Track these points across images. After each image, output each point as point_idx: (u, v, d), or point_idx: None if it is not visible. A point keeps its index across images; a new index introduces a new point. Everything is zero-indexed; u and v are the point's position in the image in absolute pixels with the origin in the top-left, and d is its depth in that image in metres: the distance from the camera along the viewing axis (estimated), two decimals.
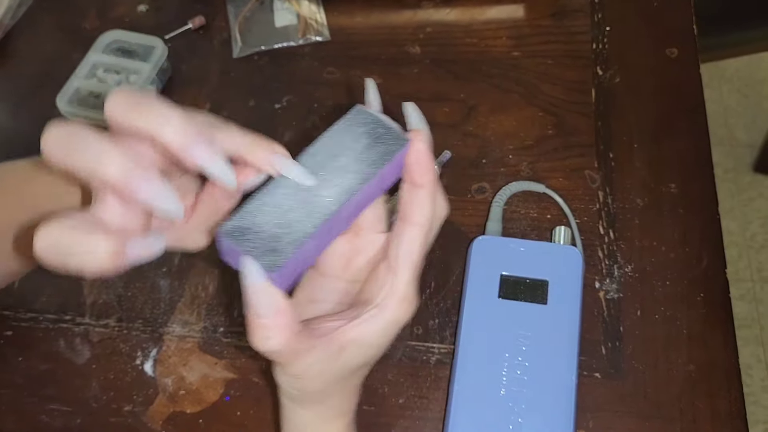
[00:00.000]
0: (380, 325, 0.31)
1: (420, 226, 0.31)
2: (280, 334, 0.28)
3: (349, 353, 0.31)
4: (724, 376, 0.46)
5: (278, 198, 0.29)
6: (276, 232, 0.28)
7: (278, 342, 0.28)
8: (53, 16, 0.70)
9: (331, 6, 0.66)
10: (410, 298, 0.31)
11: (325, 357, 0.30)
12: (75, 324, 0.51)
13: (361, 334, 0.31)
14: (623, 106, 0.58)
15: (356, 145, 0.31)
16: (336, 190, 0.30)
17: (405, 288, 0.31)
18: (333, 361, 0.31)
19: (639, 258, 0.51)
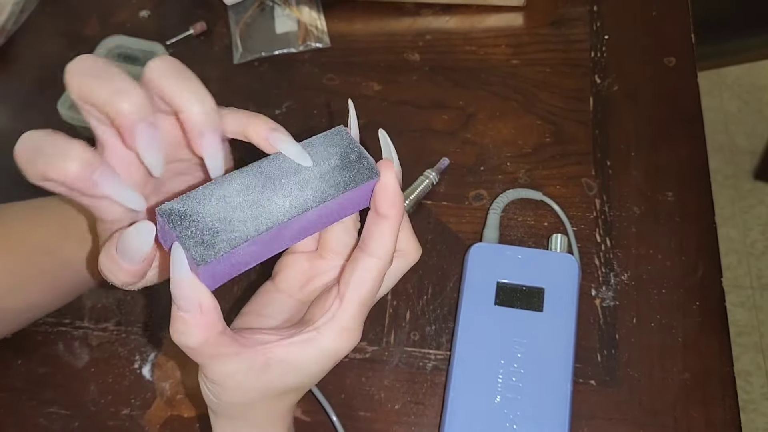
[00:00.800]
0: (313, 351, 0.30)
1: (377, 258, 0.29)
2: (199, 331, 0.27)
3: (275, 372, 0.30)
4: (719, 384, 0.46)
5: (229, 192, 0.28)
6: (215, 226, 0.27)
7: (195, 339, 0.27)
8: (55, 22, 0.70)
9: (332, 13, 0.67)
10: (352, 330, 0.30)
11: (247, 369, 0.29)
12: (74, 328, 0.52)
13: (290, 354, 0.29)
14: (621, 114, 0.58)
15: (325, 163, 0.30)
16: (290, 201, 0.28)
17: (348, 319, 0.30)
18: (256, 376, 0.29)
19: (635, 266, 0.51)
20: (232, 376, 0.29)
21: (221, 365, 0.29)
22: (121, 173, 0.30)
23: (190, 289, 0.26)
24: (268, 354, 0.29)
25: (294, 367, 0.30)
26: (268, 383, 0.30)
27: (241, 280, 0.53)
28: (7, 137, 0.63)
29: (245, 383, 0.30)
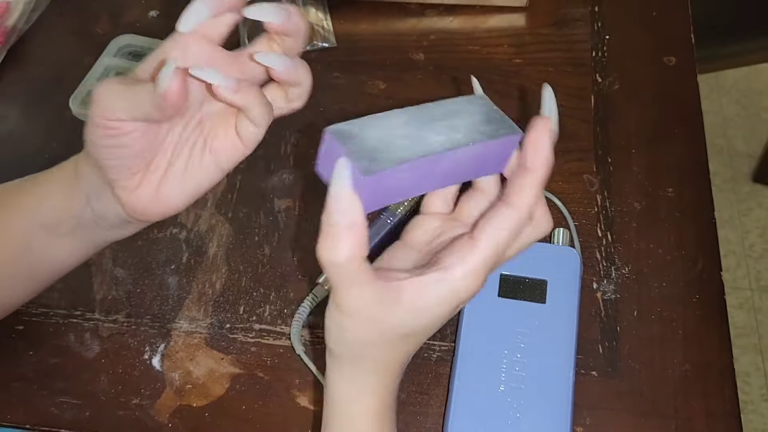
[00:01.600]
0: (439, 290, 0.30)
1: (516, 209, 0.30)
2: (348, 247, 0.27)
3: (404, 308, 0.30)
4: (719, 375, 0.47)
5: (391, 123, 0.30)
6: (378, 146, 0.29)
7: (343, 254, 0.27)
8: (66, 21, 0.71)
9: (338, 13, 0.68)
10: (479, 276, 0.30)
11: (379, 301, 0.29)
12: (85, 319, 0.53)
13: (418, 291, 0.30)
14: (622, 112, 0.59)
15: (470, 118, 0.31)
16: (443, 139, 0.30)
17: (478, 263, 0.30)
18: (386, 310, 0.30)
19: (636, 260, 0.52)
20: (364, 308, 0.29)
21: (357, 292, 0.29)
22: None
23: (349, 202, 0.27)
24: (401, 289, 0.30)
25: (419, 305, 0.30)
26: (395, 319, 0.30)
27: None
28: (19, 134, 0.64)
29: (375, 316, 0.30)
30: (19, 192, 0.42)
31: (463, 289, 0.30)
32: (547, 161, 0.30)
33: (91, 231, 0.41)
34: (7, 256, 0.42)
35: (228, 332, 0.51)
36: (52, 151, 0.62)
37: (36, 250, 0.41)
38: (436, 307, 0.30)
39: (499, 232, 0.30)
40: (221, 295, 0.53)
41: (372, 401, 0.34)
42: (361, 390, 0.34)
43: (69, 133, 0.63)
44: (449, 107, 0.32)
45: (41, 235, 0.41)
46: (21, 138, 0.63)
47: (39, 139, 0.63)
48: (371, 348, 0.32)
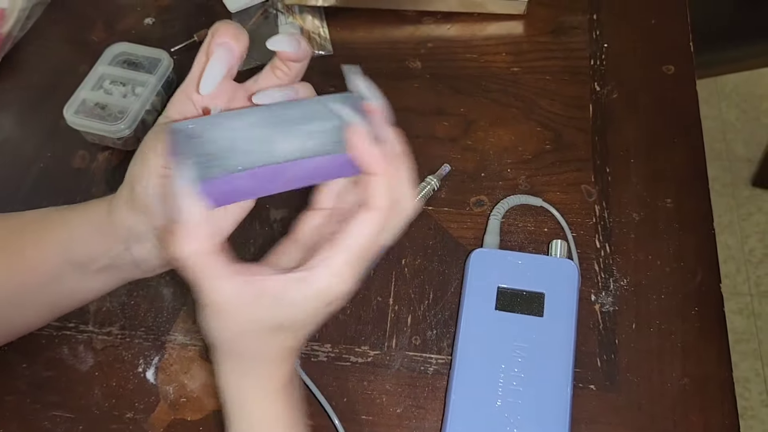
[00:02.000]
0: (303, 289, 0.31)
1: (374, 209, 0.31)
2: (188, 241, 0.29)
3: (266, 304, 0.31)
4: (718, 389, 0.47)
5: (240, 125, 0.30)
6: (217, 152, 0.29)
7: (183, 249, 0.29)
8: (61, 29, 0.71)
9: (334, 21, 0.68)
10: (344, 277, 0.31)
11: (239, 295, 0.30)
12: (78, 331, 0.52)
13: (281, 289, 0.31)
14: (620, 121, 0.59)
15: (329, 123, 0.31)
16: (292, 147, 0.30)
17: (339, 264, 0.31)
18: (248, 304, 0.31)
19: (634, 272, 0.51)
20: (225, 302, 0.31)
21: (212, 286, 0.30)
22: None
23: (184, 199, 0.29)
24: (260, 285, 0.31)
25: (284, 302, 0.31)
26: (259, 314, 0.31)
27: None
28: (13, 143, 0.64)
29: (237, 310, 0.31)
30: (51, 225, 0.42)
31: (328, 290, 0.31)
32: (384, 160, 0.31)
33: (127, 271, 0.41)
34: (33, 286, 0.42)
35: None
36: (46, 160, 0.61)
37: (64, 283, 0.42)
38: (302, 303, 0.31)
39: (360, 235, 0.31)
40: None
41: (260, 385, 0.35)
42: (246, 375, 0.35)
43: (63, 141, 0.62)
44: (312, 108, 0.32)
45: (71, 270, 0.41)
46: (15, 146, 0.63)
47: (33, 147, 0.62)
48: (242, 340, 0.33)
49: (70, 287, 0.42)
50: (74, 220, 0.41)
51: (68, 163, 0.61)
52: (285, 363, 0.36)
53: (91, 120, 0.59)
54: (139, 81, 0.61)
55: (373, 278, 0.53)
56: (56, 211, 0.42)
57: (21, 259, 0.41)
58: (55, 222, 0.42)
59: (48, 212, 0.43)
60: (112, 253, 0.40)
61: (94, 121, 0.59)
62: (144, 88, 0.60)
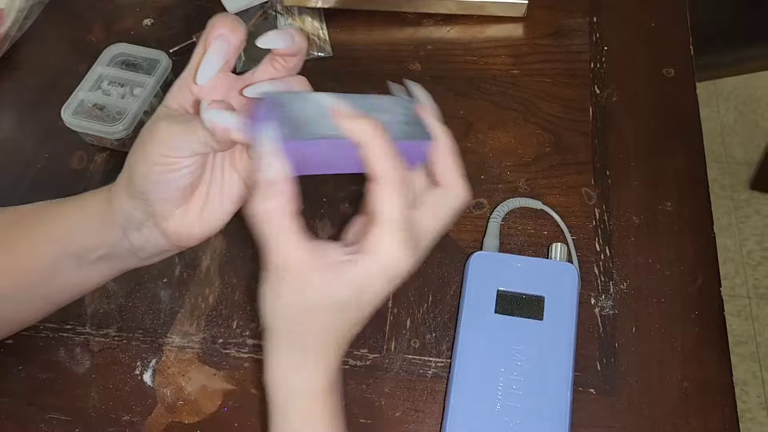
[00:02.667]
0: (357, 267, 0.32)
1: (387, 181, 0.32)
2: (274, 198, 0.31)
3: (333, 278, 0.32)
4: (718, 393, 0.47)
5: (321, 101, 0.32)
6: (303, 119, 0.32)
7: (269, 204, 0.31)
8: (59, 29, 0.71)
9: (334, 23, 0.68)
10: (395, 248, 0.32)
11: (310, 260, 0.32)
12: (75, 333, 0.52)
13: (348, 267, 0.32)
14: (620, 124, 0.59)
15: (393, 116, 0.34)
16: None
17: (387, 240, 0.32)
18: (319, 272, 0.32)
19: (634, 275, 0.51)
20: (295, 264, 0.32)
21: (287, 247, 0.31)
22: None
23: (268, 157, 0.31)
24: (330, 254, 0.32)
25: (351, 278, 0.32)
26: (326, 286, 0.32)
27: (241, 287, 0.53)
28: (10, 143, 0.63)
29: (307, 277, 0.32)
30: (45, 217, 0.42)
31: (389, 263, 0.32)
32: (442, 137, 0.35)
33: (124, 260, 0.41)
34: (31, 280, 0.42)
35: (221, 347, 0.51)
36: (44, 161, 0.61)
37: (62, 275, 0.42)
38: (365, 280, 0.32)
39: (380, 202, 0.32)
40: (214, 310, 0.52)
41: (311, 380, 0.35)
42: (299, 368, 0.35)
43: (61, 142, 0.62)
44: (377, 102, 0.35)
45: (70, 262, 0.41)
46: (12, 147, 0.63)
47: (30, 148, 0.62)
48: (306, 316, 0.33)
49: (67, 279, 0.42)
50: (71, 211, 0.41)
51: (66, 164, 0.61)
52: (337, 354, 0.36)
53: (90, 121, 0.58)
54: (137, 82, 0.61)
55: None
56: (52, 204, 0.42)
57: (15, 253, 0.41)
58: (51, 214, 0.41)
59: (42, 205, 0.43)
60: (110, 242, 0.40)
61: (92, 122, 0.58)
62: (142, 89, 0.60)
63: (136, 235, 0.40)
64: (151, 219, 0.38)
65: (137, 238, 0.40)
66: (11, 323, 0.46)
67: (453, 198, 0.35)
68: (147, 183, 0.36)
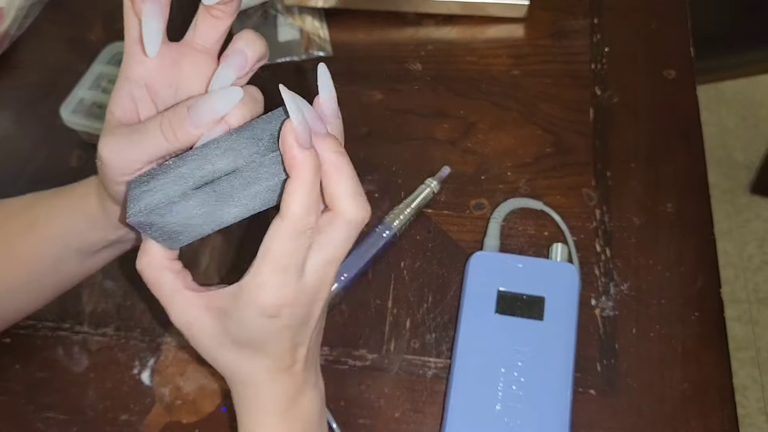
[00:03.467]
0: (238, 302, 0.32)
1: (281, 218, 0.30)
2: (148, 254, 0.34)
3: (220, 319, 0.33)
4: (718, 395, 0.46)
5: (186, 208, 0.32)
6: (177, 230, 0.33)
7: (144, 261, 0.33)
8: (59, 28, 0.71)
9: (334, 22, 0.67)
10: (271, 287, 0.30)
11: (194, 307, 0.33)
12: (73, 332, 0.52)
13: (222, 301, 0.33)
14: (621, 125, 0.59)
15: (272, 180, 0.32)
16: (239, 210, 0.33)
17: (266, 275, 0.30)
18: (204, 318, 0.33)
19: (635, 276, 0.51)
20: (184, 316, 0.34)
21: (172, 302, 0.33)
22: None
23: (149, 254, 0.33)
24: (208, 298, 0.33)
25: (232, 316, 0.32)
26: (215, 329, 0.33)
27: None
28: (9, 142, 0.63)
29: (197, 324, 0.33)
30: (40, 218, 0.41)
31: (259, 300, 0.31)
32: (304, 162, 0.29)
33: (128, 242, 0.42)
34: (35, 276, 0.42)
35: None
36: (42, 159, 0.61)
37: (65, 268, 0.42)
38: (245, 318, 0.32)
39: (271, 242, 0.30)
40: None
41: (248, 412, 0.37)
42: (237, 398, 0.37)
43: (59, 140, 0.62)
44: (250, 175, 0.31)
45: (72, 256, 0.41)
46: (11, 145, 0.63)
47: (29, 146, 0.62)
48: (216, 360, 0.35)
49: (71, 270, 0.43)
50: (66, 212, 0.40)
51: (64, 163, 0.61)
52: (273, 385, 0.35)
53: (89, 119, 0.58)
54: None
55: (372, 281, 0.52)
56: (41, 201, 0.42)
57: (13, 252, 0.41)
58: (45, 215, 0.41)
59: (33, 203, 0.42)
60: (111, 238, 0.40)
61: (91, 120, 0.58)
62: None
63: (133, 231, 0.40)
64: None
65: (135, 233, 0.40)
66: (17, 312, 0.46)
67: (343, 223, 0.31)
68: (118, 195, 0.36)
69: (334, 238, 0.31)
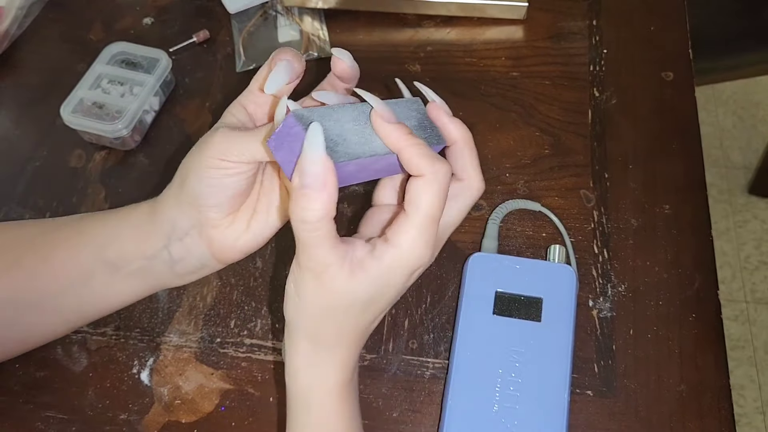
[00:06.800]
0: (390, 260, 0.32)
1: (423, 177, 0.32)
2: (321, 206, 0.30)
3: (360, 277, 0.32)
4: (715, 396, 0.47)
5: (343, 117, 0.33)
6: (336, 139, 0.32)
7: (316, 214, 0.30)
8: (59, 27, 0.71)
9: (334, 23, 0.68)
10: (420, 243, 0.32)
11: (340, 264, 0.32)
12: (73, 332, 0.52)
13: (375, 262, 0.32)
14: (619, 127, 0.59)
15: (406, 120, 0.35)
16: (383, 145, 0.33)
17: (414, 231, 0.32)
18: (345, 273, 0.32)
19: (632, 277, 0.51)
20: (326, 268, 0.32)
21: (324, 252, 0.31)
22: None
23: (323, 165, 0.30)
24: (361, 258, 0.32)
25: (376, 274, 0.32)
26: (352, 286, 0.32)
27: None
28: (9, 141, 0.63)
29: (335, 279, 0.32)
30: (85, 226, 0.42)
31: (412, 258, 0.32)
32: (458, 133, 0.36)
33: (159, 275, 0.41)
34: (61, 287, 0.41)
35: (218, 347, 0.51)
36: (43, 159, 0.61)
37: (93, 284, 0.41)
38: (389, 275, 0.32)
39: (424, 197, 0.32)
40: (212, 309, 0.52)
41: (331, 376, 0.36)
42: (319, 364, 0.36)
43: (60, 140, 0.62)
44: (399, 108, 0.35)
45: (103, 270, 0.41)
46: (11, 145, 0.63)
47: (29, 146, 0.62)
48: (329, 315, 0.34)
49: (98, 290, 0.42)
50: (112, 220, 0.41)
51: (65, 162, 0.61)
52: (357, 350, 0.36)
53: (89, 119, 0.58)
54: (137, 81, 0.61)
55: None
56: (94, 215, 0.43)
57: (48, 258, 0.41)
58: (92, 224, 0.42)
59: (84, 216, 0.43)
60: (149, 252, 0.40)
61: (91, 120, 0.58)
62: (142, 88, 0.60)
63: (177, 246, 0.39)
64: (197, 228, 0.38)
65: (178, 250, 0.39)
66: (35, 335, 0.45)
67: (474, 192, 0.36)
68: (201, 186, 0.36)
69: (462, 204, 0.36)
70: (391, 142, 0.33)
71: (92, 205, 0.58)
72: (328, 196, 0.30)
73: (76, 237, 0.41)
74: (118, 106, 0.59)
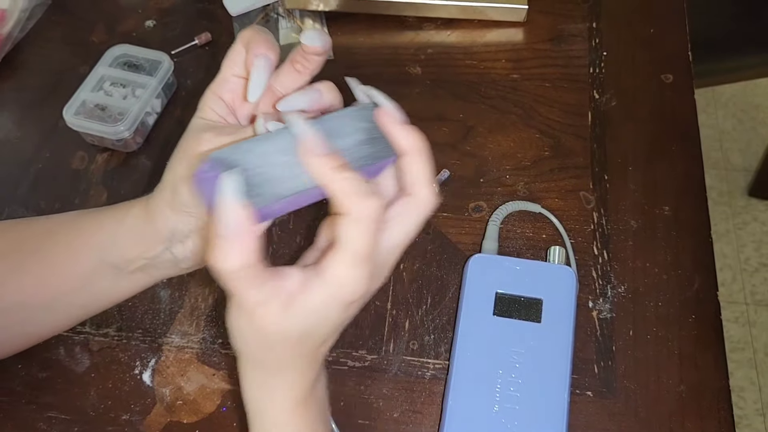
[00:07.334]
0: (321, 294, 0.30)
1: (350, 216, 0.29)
2: (239, 255, 0.28)
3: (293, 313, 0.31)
4: (714, 397, 0.47)
5: (269, 150, 0.30)
6: (256, 181, 0.30)
7: (235, 263, 0.29)
8: (62, 30, 0.71)
9: (335, 26, 0.68)
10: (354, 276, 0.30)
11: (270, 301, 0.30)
12: (75, 332, 0.52)
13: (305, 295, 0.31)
14: (619, 129, 0.59)
15: (353, 137, 0.32)
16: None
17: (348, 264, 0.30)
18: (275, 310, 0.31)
19: (632, 279, 0.52)
20: (257, 306, 0.30)
21: (252, 294, 0.30)
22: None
23: (237, 214, 0.28)
24: (291, 292, 0.31)
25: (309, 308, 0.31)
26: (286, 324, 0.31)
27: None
28: (12, 143, 0.63)
29: (263, 317, 0.31)
30: (82, 229, 0.42)
31: (345, 293, 0.30)
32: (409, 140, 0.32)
33: (163, 270, 0.41)
34: (69, 290, 0.42)
35: (220, 347, 0.51)
36: (45, 161, 0.61)
37: (99, 285, 0.42)
38: (323, 310, 0.31)
39: (351, 235, 0.29)
40: (214, 310, 0.52)
41: (284, 397, 0.35)
42: (270, 388, 0.35)
43: (62, 142, 0.62)
44: (336, 124, 0.32)
45: (108, 273, 0.41)
46: (14, 146, 0.63)
47: (32, 147, 0.62)
48: (268, 347, 0.33)
49: (104, 289, 0.42)
50: (109, 225, 0.41)
51: (67, 164, 0.61)
52: (307, 373, 0.36)
53: (91, 121, 0.59)
54: (139, 83, 0.61)
55: None
56: (87, 215, 0.42)
57: (53, 263, 0.41)
58: (88, 226, 0.42)
59: (78, 216, 0.43)
60: (150, 254, 0.40)
61: (93, 122, 0.59)
62: (144, 90, 0.60)
63: (180, 247, 0.39)
64: (196, 232, 0.38)
65: (181, 251, 0.39)
66: (45, 330, 0.46)
67: (421, 209, 0.32)
68: (193, 196, 0.36)
69: (408, 223, 0.32)
70: (316, 176, 0.30)
71: (94, 206, 0.58)
72: (246, 245, 0.28)
73: (76, 241, 0.41)
74: (120, 108, 0.59)
